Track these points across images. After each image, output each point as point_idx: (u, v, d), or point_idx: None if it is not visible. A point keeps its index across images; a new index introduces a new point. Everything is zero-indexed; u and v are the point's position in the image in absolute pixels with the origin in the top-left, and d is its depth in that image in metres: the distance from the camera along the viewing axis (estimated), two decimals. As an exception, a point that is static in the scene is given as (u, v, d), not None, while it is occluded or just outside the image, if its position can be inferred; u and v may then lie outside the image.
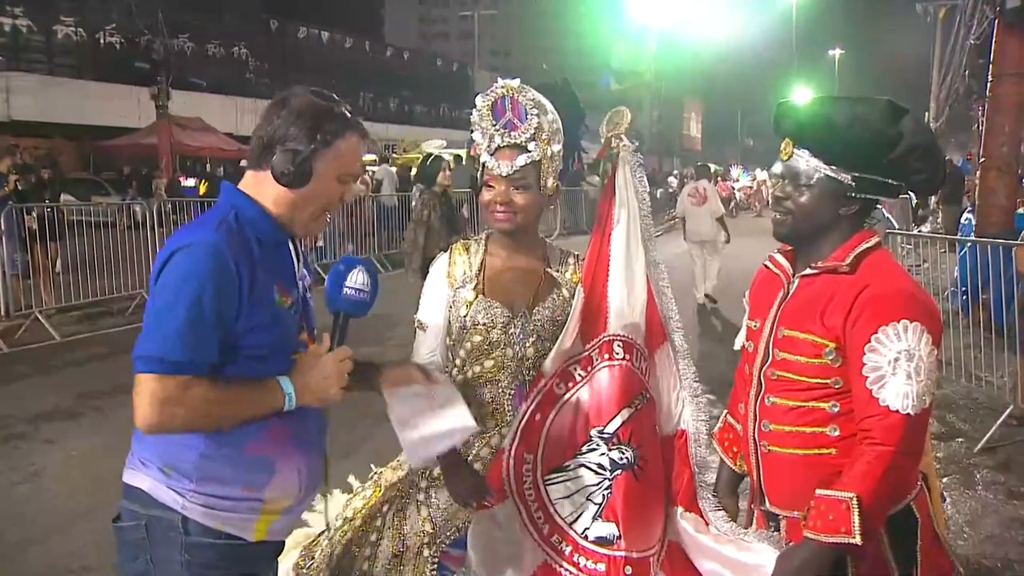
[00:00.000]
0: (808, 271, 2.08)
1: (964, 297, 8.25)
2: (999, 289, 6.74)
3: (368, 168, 21.32)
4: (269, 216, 1.87)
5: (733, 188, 33.09)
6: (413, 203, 7.62)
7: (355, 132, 1.91)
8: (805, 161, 2.05)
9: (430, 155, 8.37)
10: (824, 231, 2.06)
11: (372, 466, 2.61)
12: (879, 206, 2.41)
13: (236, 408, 1.77)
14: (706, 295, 11.10)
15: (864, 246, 2.03)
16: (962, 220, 10.81)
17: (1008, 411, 5.90)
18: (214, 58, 32.17)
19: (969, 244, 8.20)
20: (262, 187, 1.88)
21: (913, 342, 1.89)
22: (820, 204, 2.04)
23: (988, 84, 9.79)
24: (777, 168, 2.13)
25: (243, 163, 1.98)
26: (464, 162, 15.21)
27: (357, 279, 1.92)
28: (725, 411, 2.43)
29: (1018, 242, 6.80)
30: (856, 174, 2.01)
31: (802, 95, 21.33)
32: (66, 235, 10.55)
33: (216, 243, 1.74)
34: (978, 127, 15.17)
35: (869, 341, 1.91)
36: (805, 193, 2.05)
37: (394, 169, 21.80)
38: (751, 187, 35.06)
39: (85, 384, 7.11)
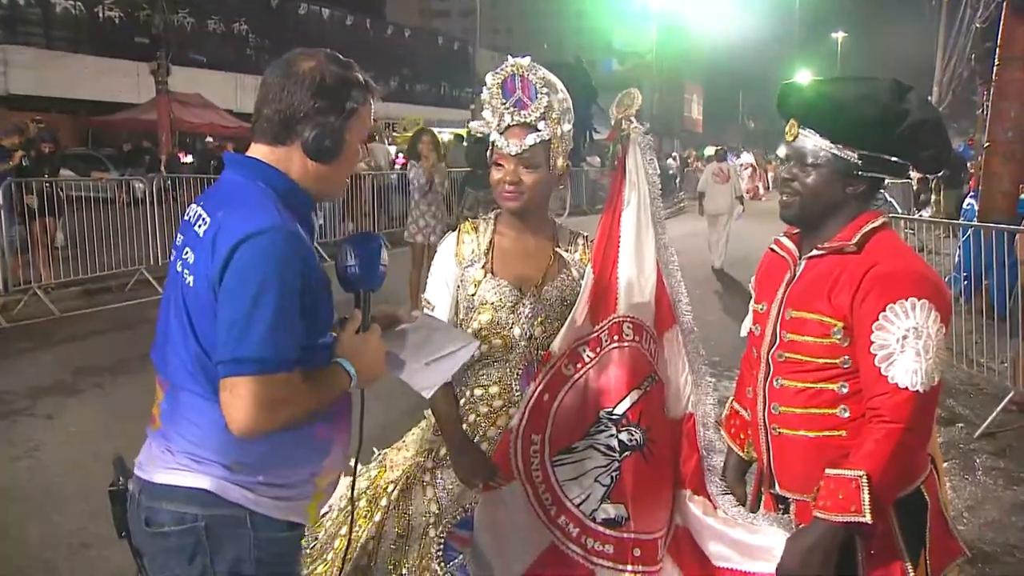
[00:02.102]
0: (814, 252, 2.07)
1: (965, 283, 8.23)
2: (1001, 275, 6.72)
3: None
4: (300, 188, 1.81)
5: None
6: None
7: (373, 95, 1.87)
8: (812, 141, 2.04)
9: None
10: (831, 211, 2.06)
11: (375, 449, 2.58)
12: (882, 190, 2.40)
13: (320, 398, 1.73)
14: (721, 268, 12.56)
15: (871, 225, 2.03)
16: (964, 205, 10.78)
17: (1008, 397, 5.93)
18: (214, 34, 31.85)
19: (972, 230, 8.17)
20: (287, 162, 1.80)
21: (921, 319, 1.88)
22: (828, 183, 2.04)
23: (994, 69, 9.73)
24: (782, 150, 2.13)
25: (255, 138, 1.87)
26: (465, 142, 15.16)
27: (384, 255, 1.89)
28: (731, 398, 2.41)
29: (1020, 228, 6.77)
30: (863, 152, 2.01)
31: (804, 78, 21.24)
32: (65, 210, 10.51)
33: (289, 226, 1.67)
34: (982, 112, 15.10)
35: (877, 319, 1.91)
36: (812, 173, 2.05)
37: (393, 148, 21.70)
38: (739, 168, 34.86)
39: (84, 360, 7.07)
